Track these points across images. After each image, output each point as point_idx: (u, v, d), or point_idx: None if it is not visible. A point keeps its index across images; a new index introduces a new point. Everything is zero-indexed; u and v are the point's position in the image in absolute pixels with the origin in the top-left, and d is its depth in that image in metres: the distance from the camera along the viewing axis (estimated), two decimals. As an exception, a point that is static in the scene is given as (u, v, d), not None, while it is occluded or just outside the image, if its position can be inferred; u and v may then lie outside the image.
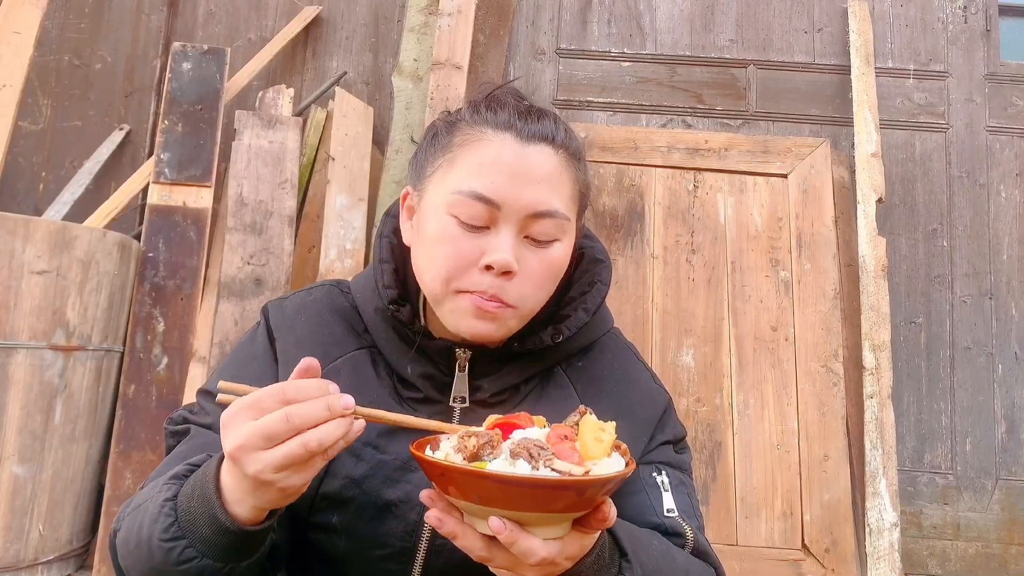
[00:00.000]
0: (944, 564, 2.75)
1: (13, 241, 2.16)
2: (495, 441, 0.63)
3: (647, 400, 0.92)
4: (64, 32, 3.13)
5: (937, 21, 3.11)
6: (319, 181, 2.85)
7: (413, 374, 0.84)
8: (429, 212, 0.82)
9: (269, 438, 0.60)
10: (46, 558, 2.23)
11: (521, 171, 0.79)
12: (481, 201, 0.77)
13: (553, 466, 0.60)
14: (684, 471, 0.91)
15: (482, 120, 0.82)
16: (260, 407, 0.61)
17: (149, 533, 0.68)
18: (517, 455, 0.61)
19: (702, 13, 3.14)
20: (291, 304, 0.91)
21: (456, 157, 0.81)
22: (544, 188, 0.79)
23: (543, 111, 0.84)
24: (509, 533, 0.60)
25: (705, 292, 2.65)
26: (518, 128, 0.81)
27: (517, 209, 0.78)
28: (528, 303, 0.81)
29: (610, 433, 0.64)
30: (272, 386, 0.62)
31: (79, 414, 2.30)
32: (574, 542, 0.64)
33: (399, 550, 0.80)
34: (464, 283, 0.78)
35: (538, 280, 0.81)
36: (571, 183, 0.83)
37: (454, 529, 0.63)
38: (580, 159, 0.86)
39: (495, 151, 0.79)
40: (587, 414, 0.66)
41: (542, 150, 0.80)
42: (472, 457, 0.62)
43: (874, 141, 2.77)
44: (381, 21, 3.18)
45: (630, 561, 0.70)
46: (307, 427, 0.60)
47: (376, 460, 0.80)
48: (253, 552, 0.69)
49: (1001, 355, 2.89)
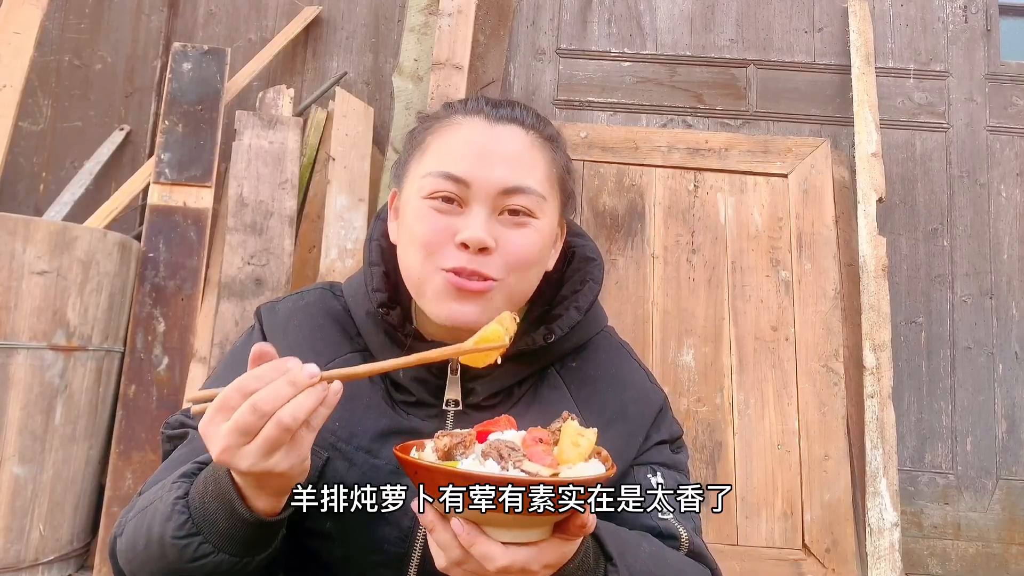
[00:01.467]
0: (945, 564, 2.75)
1: (14, 242, 2.16)
2: (468, 441, 0.63)
3: (642, 399, 0.91)
4: (64, 32, 3.13)
5: (937, 21, 3.11)
6: (319, 181, 2.85)
7: (406, 377, 0.84)
8: (406, 202, 0.83)
9: (245, 432, 0.60)
10: (47, 558, 2.23)
11: (490, 149, 0.80)
12: (451, 180, 0.78)
13: (523, 467, 0.60)
14: (681, 471, 0.91)
15: (453, 110, 0.85)
16: (228, 406, 0.62)
17: (161, 532, 0.68)
18: (487, 455, 0.61)
19: (702, 13, 3.14)
20: (284, 308, 0.91)
21: (428, 146, 0.83)
22: (514, 165, 0.80)
23: (514, 102, 0.86)
24: (467, 536, 0.60)
25: (705, 292, 2.65)
26: (487, 112, 0.83)
27: (488, 187, 0.79)
28: (511, 279, 0.80)
29: (589, 439, 0.64)
30: (232, 382, 0.63)
31: (79, 414, 2.30)
32: (553, 549, 0.62)
33: (393, 556, 0.80)
34: (442, 260, 0.78)
35: (519, 257, 0.80)
36: (545, 164, 0.83)
37: (434, 522, 0.62)
38: (556, 143, 0.86)
39: (464, 132, 0.81)
40: (569, 419, 0.66)
41: (511, 130, 0.82)
42: (445, 456, 0.63)
43: (874, 141, 2.76)
44: (381, 21, 3.18)
45: (616, 565, 0.70)
46: (276, 408, 0.60)
47: (369, 465, 0.80)
48: (269, 544, 0.69)
49: (1001, 355, 2.89)
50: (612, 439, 0.86)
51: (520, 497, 0.57)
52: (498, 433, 0.65)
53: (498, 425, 0.67)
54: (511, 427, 0.66)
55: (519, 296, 0.84)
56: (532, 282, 0.84)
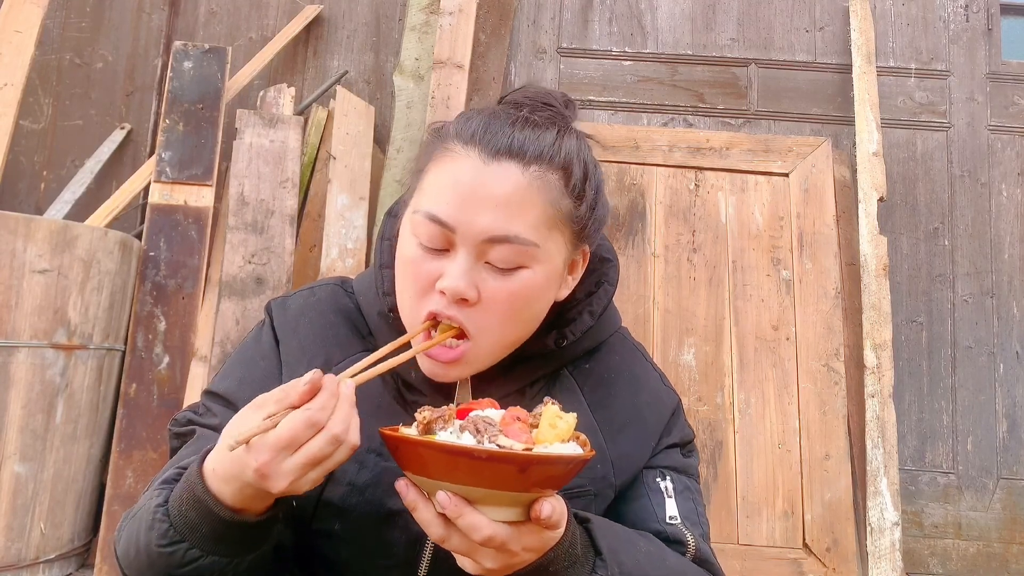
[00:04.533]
0: (945, 563, 2.75)
1: (14, 240, 2.16)
2: (447, 416, 0.64)
3: (655, 402, 0.90)
4: (65, 31, 3.13)
5: (939, 20, 3.11)
6: (320, 180, 2.85)
7: (417, 378, 0.83)
8: (403, 228, 0.80)
9: (313, 463, 0.62)
10: (47, 557, 2.23)
11: (478, 193, 0.73)
12: (436, 223, 0.74)
13: (498, 441, 0.61)
14: (691, 476, 0.89)
15: (455, 132, 0.77)
16: (298, 442, 0.61)
17: (147, 541, 0.67)
18: (464, 428, 0.62)
19: (703, 12, 3.14)
20: (294, 304, 0.89)
21: (426, 173, 0.79)
22: (502, 212, 0.73)
23: (537, 122, 0.77)
24: (454, 507, 0.60)
25: (706, 291, 2.65)
26: (485, 143, 0.74)
27: (472, 234, 0.73)
28: (490, 335, 0.76)
29: (568, 421, 0.64)
30: (298, 415, 0.62)
31: (80, 413, 2.30)
32: (532, 533, 0.63)
33: (403, 560, 0.79)
34: (426, 304, 0.76)
35: (503, 310, 0.75)
36: (543, 203, 0.75)
37: (416, 500, 0.63)
38: (565, 173, 0.77)
39: (456, 170, 0.75)
40: (550, 403, 0.66)
41: (506, 168, 0.74)
42: (425, 430, 0.64)
43: (875, 140, 2.76)
44: (382, 20, 3.18)
45: (605, 560, 0.69)
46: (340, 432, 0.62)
47: (380, 468, 0.78)
48: (261, 543, 0.68)
49: (1002, 354, 2.89)
50: (625, 442, 0.85)
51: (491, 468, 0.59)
52: (479, 411, 0.65)
53: (480, 405, 0.67)
54: (493, 408, 0.67)
55: (511, 342, 0.80)
56: (528, 326, 0.80)
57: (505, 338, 0.78)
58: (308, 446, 0.60)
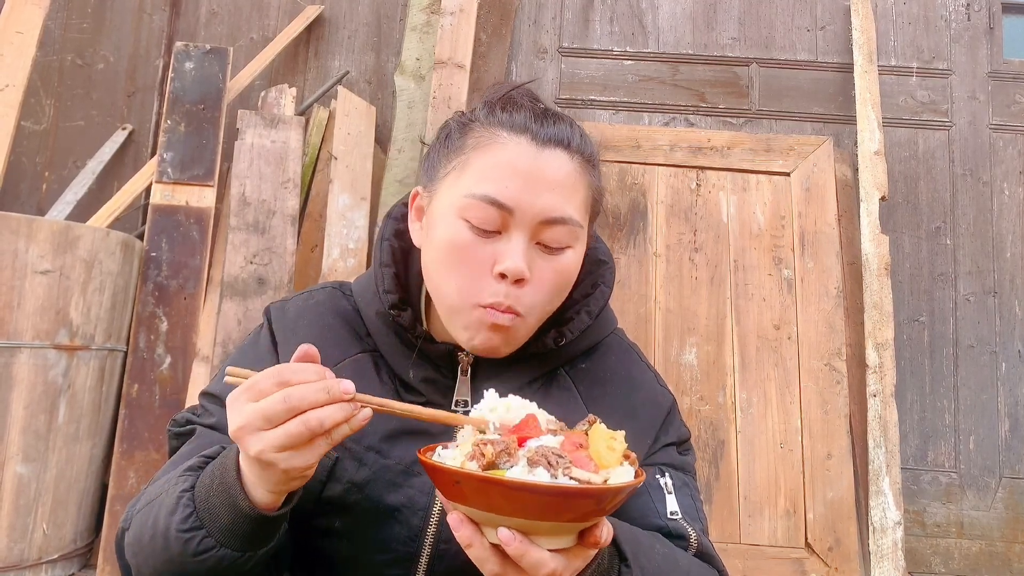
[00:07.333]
0: (948, 562, 2.75)
1: (16, 241, 2.17)
2: (511, 449, 0.62)
3: (650, 401, 0.91)
4: (67, 32, 3.14)
5: (940, 19, 3.11)
6: (321, 180, 2.85)
7: (415, 378, 0.84)
8: (440, 215, 0.80)
9: (268, 419, 0.61)
10: (50, 557, 2.23)
11: (536, 176, 0.77)
12: (494, 205, 0.76)
13: (572, 474, 0.59)
14: (688, 473, 0.91)
15: (497, 122, 0.80)
16: (258, 389, 0.62)
17: (166, 525, 0.68)
18: (536, 463, 0.59)
19: (704, 11, 3.14)
20: (293, 307, 0.91)
21: (469, 159, 0.79)
22: (558, 194, 0.78)
23: (559, 115, 0.82)
24: (519, 544, 0.59)
25: (708, 290, 2.65)
26: (534, 131, 0.78)
27: (531, 215, 0.76)
28: (536, 312, 0.80)
29: (621, 442, 0.63)
30: (269, 368, 0.64)
31: (82, 413, 2.31)
32: (580, 556, 0.62)
33: (402, 555, 0.79)
34: (479, 294, 0.77)
35: (549, 288, 0.79)
36: (585, 189, 0.81)
37: (472, 537, 0.61)
38: (594, 164, 0.84)
39: (510, 154, 0.78)
40: (596, 423, 0.65)
41: (557, 155, 0.79)
42: (489, 465, 0.61)
43: (877, 139, 2.76)
44: (383, 20, 3.18)
45: (630, 566, 0.70)
46: (305, 408, 0.61)
47: (379, 465, 0.80)
48: (269, 539, 0.69)
49: (1004, 353, 2.89)
50: None
51: (572, 504, 0.57)
52: (537, 440, 0.63)
53: (529, 429, 0.65)
54: (537, 425, 0.65)
55: (541, 320, 0.83)
56: (556, 306, 0.84)
57: (545, 316, 0.82)
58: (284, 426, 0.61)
